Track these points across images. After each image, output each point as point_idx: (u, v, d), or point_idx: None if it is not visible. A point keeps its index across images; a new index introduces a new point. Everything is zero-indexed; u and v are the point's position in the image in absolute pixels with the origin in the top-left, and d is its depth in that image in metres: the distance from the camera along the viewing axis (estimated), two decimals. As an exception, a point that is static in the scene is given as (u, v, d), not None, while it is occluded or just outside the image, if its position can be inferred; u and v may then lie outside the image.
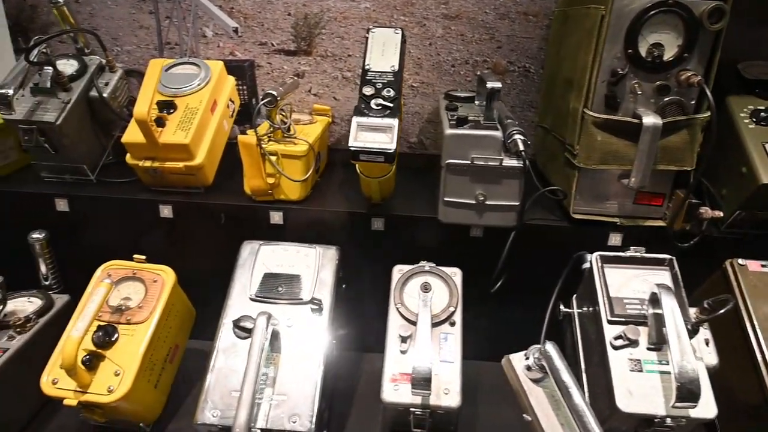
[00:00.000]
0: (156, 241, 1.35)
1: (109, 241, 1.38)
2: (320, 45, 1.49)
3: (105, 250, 1.37)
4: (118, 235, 1.37)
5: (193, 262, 1.28)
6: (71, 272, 1.33)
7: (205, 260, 1.34)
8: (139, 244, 1.36)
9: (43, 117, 1.24)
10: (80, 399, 1.00)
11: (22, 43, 1.54)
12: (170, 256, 1.23)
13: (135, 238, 1.36)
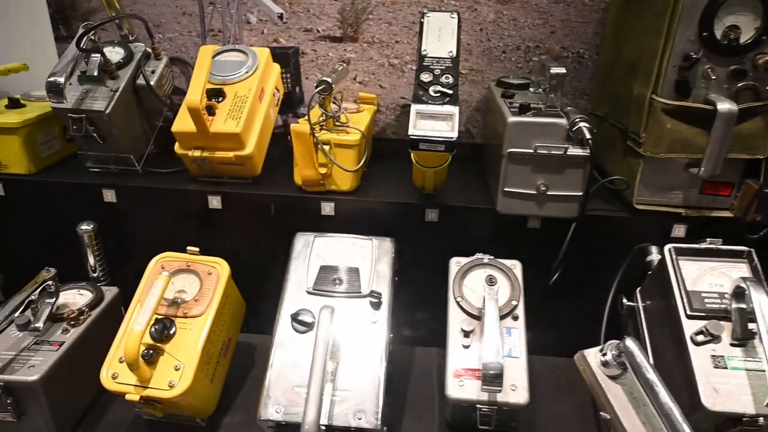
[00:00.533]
0: (204, 232, 1.33)
1: (156, 232, 1.36)
2: (367, 31, 1.45)
3: (151, 242, 1.36)
4: (164, 227, 1.35)
5: (241, 254, 1.25)
6: (117, 264, 1.31)
7: (254, 252, 1.31)
8: (187, 235, 1.34)
9: (93, 106, 1.21)
10: (142, 394, 0.98)
11: (63, 31, 1.52)
12: (218, 247, 1.21)
13: (182, 230, 1.34)
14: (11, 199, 1.33)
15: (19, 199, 1.33)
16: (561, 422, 1.18)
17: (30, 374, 1.01)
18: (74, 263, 1.37)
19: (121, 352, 1.02)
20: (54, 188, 1.32)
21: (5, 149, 1.28)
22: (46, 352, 1.06)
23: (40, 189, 1.32)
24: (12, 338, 1.09)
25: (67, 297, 1.20)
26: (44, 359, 1.04)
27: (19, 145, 1.28)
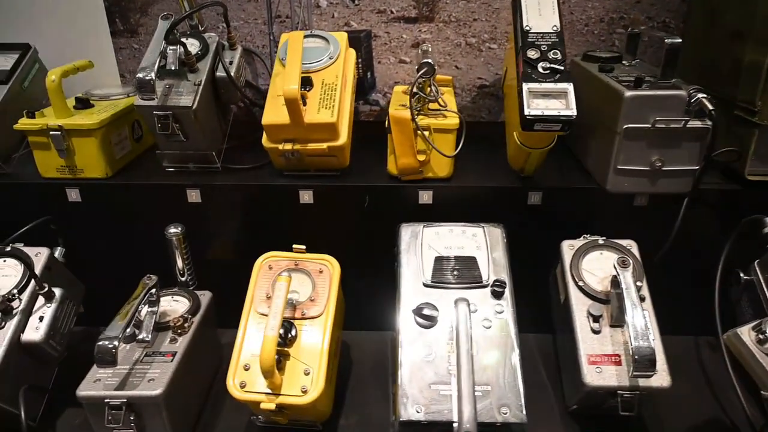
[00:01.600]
0: (295, 228, 1.27)
1: (243, 231, 1.30)
2: (443, 10, 1.39)
3: (238, 242, 1.31)
4: (252, 225, 1.29)
5: (335, 249, 1.20)
6: (204, 265, 1.25)
7: (348, 246, 1.26)
8: (277, 232, 1.28)
9: (179, 101, 1.14)
10: (276, 402, 0.93)
11: (119, 25, 1.44)
12: (310, 243, 1.15)
13: (272, 227, 1.29)
14: (88, 205, 1.26)
15: (96, 205, 1.26)
16: (691, 403, 1.15)
17: (152, 388, 0.96)
18: (157, 267, 1.32)
19: (246, 360, 0.98)
20: (134, 191, 1.26)
21: (82, 152, 1.21)
22: (161, 364, 1.01)
23: (118, 192, 1.26)
24: (121, 351, 1.03)
25: (164, 304, 1.15)
26: (161, 371, 0.99)
27: (96, 148, 1.21)
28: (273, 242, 1.28)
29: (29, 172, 1.28)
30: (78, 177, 1.24)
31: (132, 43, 1.46)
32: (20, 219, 1.28)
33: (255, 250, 1.30)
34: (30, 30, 1.43)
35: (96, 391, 0.96)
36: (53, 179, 1.25)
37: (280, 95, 1.19)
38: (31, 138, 1.21)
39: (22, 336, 1.04)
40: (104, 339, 0.91)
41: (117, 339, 0.91)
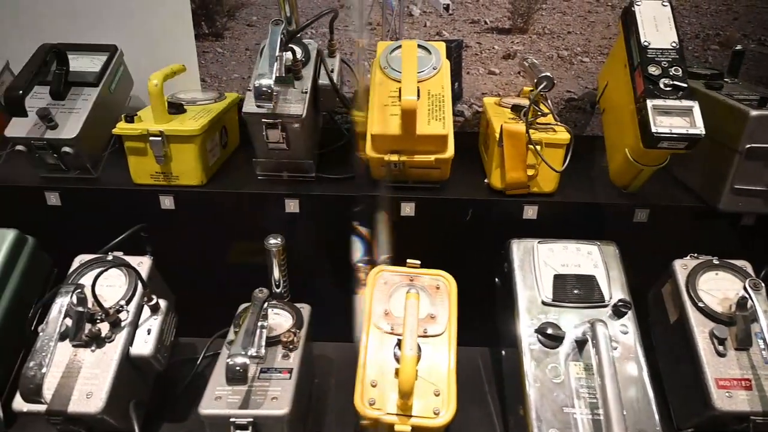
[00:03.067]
0: (393, 241, 1.24)
1: (338, 243, 1.27)
2: (538, 22, 1.37)
3: (333, 253, 1.28)
4: (347, 237, 1.26)
5: (437, 263, 1.18)
6: (305, 276, 1.22)
7: (450, 260, 1.23)
8: (376, 244, 1.25)
9: (289, 110, 1.11)
10: (409, 424, 0.90)
11: (205, 29, 1.40)
12: (409, 256, 1.12)
13: (368, 239, 1.25)
14: (181, 213, 1.23)
15: (189, 213, 1.23)
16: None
17: (278, 407, 0.93)
18: (245, 277, 1.28)
19: (372, 377, 0.95)
20: (230, 199, 1.22)
21: (180, 159, 1.18)
22: (280, 381, 0.98)
23: (212, 201, 1.22)
24: (234, 367, 1.00)
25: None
26: (282, 389, 0.96)
27: (195, 154, 1.18)
28: (366, 254, 1.26)
29: (117, 178, 1.24)
30: (173, 184, 1.21)
31: (216, 47, 1.42)
32: (107, 226, 1.25)
33: (350, 262, 1.28)
34: (113, 30, 1.39)
35: (220, 409, 0.92)
36: (146, 186, 1.21)
37: (386, 105, 1.17)
38: (127, 143, 1.17)
39: (131, 349, 1.01)
40: (236, 356, 0.88)
41: (248, 357, 0.88)
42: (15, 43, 1.37)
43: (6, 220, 1.18)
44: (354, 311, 1.23)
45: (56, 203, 1.22)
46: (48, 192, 1.21)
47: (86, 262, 1.09)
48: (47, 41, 1.28)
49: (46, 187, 1.21)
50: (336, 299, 1.24)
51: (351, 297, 1.25)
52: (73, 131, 1.16)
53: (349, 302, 1.24)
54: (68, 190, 1.21)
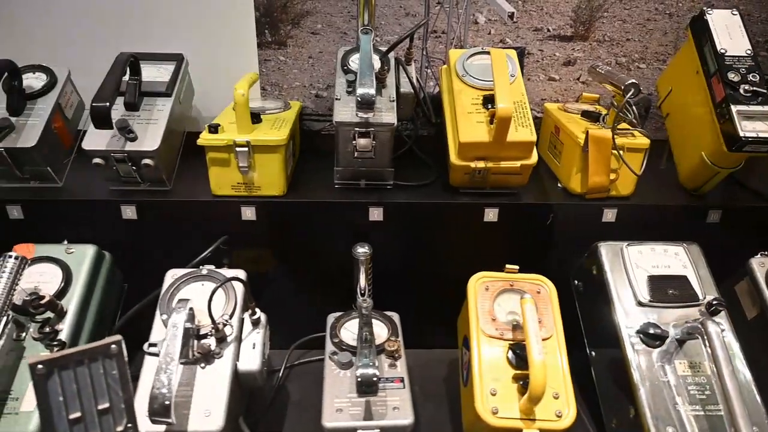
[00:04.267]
0: (476, 246, 1.25)
1: (419, 250, 1.27)
2: (599, 29, 1.41)
3: (418, 261, 1.29)
4: (430, 243, 1.26)
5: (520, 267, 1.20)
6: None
7: (532, 263, 1.25)
8: (457, 251, 1.26)
9: (382, 118, 1.11)
10: (537, 428, 0.91)
11: (268, 37, 1.39)
12: (492, 262, 1.14)
13: (455, 245, 1.26)
14: (261, 224, 1.21)
15: (270, 223, 1.21)
16: None
17: (403, 417, 0.93)
18: (324, 286, 1.28)
19: (490, 385, 0.95)
20: (310, 209, 1.21)
21: (264, 169, 1.16)
22: (395, 391, 0.98)
23: (294, 210, 1.21)
24: (345, 378, 0.99)
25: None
26: (401, 399, 0.96)
27: (280, 164, 1.16)
28: (454, 260, 1.27)
29: (191, 189, 1.22)
30: (254, 194, 1.19)
31: (278, 55, 1.41)
32: (182, 239, 1.22)
33: (433, 269, 1.29)
34: (173, 38, 1.36)
35: (345, 422, 0.91)
36: (227, 197, 1.19)
37: (471, 112, 1.18)
38: (210, 154, 1.15)
39: (239, 365, 0.98)
40: (366, 367, 0.87)
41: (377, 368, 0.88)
42: (74, 52, 1.33)
43: (72, 234, 1.14)
44: (437, 318, 1.24)
45: (132, 217, 1.19)
46: (124, 206, 1.18)
47: (180, 276, 1.06)
48: (107, 50, 1.25)
49: (122, 201, 1.17)
50: (418, 306, 1.25)
51: (436, 304, 1.25)
52: (154, 143, 1.13)
53: (434, 309, 1.25)
54: (145, 203, 1.18)
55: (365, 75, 1.05)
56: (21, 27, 1.32)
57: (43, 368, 0.70)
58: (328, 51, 1.41)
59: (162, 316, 1.00)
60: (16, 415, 0.92)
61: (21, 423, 0.91)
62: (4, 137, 1.13)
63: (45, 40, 1.33)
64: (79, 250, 1.11)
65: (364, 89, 1.03)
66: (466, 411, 1.07)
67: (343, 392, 0.97)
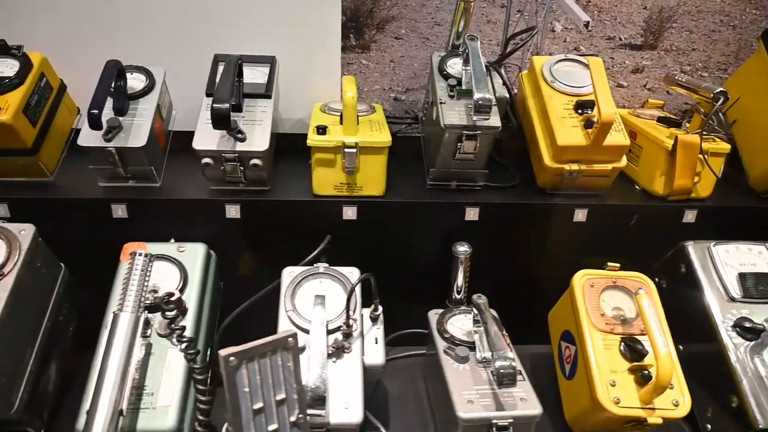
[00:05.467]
0: (564, 246, 1.31)
1: (510, 248, 1.32)
2: (667, 39, 1.48)
3: (506, 259, 1.33)
4: (518, 242, 1.31)
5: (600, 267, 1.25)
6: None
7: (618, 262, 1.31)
8: (546, 250, 1.31)
9: (488, 122, 1.15)
10: (659, 416, 0.96)
11: (352, 41, 1.42)
12: (579, 260, 1.19)
13: (538, 244, 1.31)
14: (361, 224, 1.24)
15: (369, 223, 1.24)
16: None
17: (531, 408, 0.97)
18: (417, 283, 1.31)
19: (610, 376, 1.00)
20: (407, 209, 1.25)
21: (368, 170, 1.19)
22: (518, 383, 1.01)
23: (392, 210, 1.24)
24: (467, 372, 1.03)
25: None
26: (524, 390, 1.01)
27: (382, 165, 1.20)
28: (542, 259, 1.32)
29: (288, 189, 1.24)
30: (355, 195, 1.22)
31: (361, 59, 1.44)
32: (283, 237, 1.25)
33: (525, 267, 1.33)
34: (261, 39, 1.37)
35: (479, 412, 0.95)
36: (329, 197, 1.22)
37: (564, 117, 1.23)
38: (317, 155, 1.17)
39: (365, 359, 1.01)
40: (502, 359, 0.91)
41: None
42: (163, 53, 1.34)
43: (172, 233, 1.16)
44: (523, 315, 1.28)
45: (235, 216, 1.21)
46: (229, 205, 1.19)
47: (299, 274, 1.08)
48: (200, 52, 1.28)
49: (227, 200, 1.19)
50: (505, 303, 1.29)
51: (524, 301, 1.30)
52: (263, 144, 1.16)
53: (523, 306, 1.29)
54: (248, 202, 1.20)
55: (481, 80, 1.09)
56: (113, 27, 1.33)
57: (235, 360, 0.73)
58: (410, 56, 1.45)
59: (288, 312, 1.03)
60: (154, 410, 0.93)
61: (160, 418, 0.92)
62: (114, 137, 1.14)
63: (136, 41, 1.34)
64: (191, 249, 1.12)
65: (482, 94, 1.07)
66: (571, 403, 1.12)
67: (468, 384, 1.00)
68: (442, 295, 1.25)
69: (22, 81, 1.14)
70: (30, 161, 1.17)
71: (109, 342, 0.90)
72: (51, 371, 1.10)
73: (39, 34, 1.29)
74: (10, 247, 0.99)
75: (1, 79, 1.13)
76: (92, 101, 1.07)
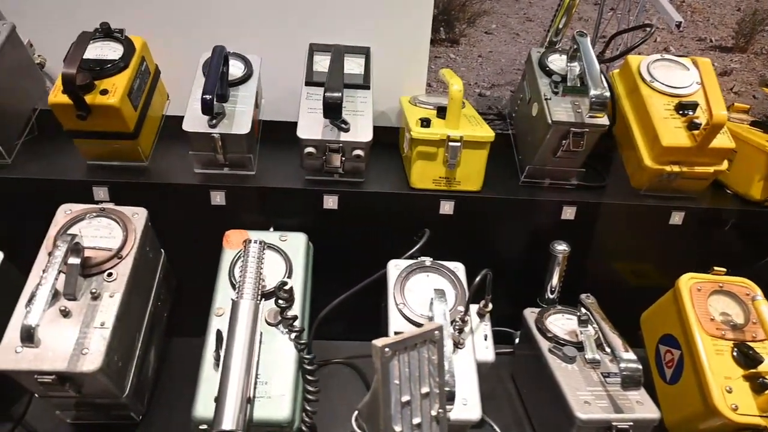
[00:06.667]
0: (659, 248, 1.29)
1: (602, 248, 1.30)
2: (758, 42, 1.45)
3: (599, 259, 1.32)
4: (612, 243, 1.30)
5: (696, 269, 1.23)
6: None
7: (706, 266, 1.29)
8: (639, 252, 1.30)
9: (595, 120, 1.14)
10: (776, 424, 0.95)
11: (442, 34, 1.40)
12: (676, 263, 1.18)
13: (633, 245, 1.30)
14: (457, 219, 1.23)
15: (464, 218, 1.23)
16: None
17: (649, 411, 0.96)
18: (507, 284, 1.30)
19: (725, 383, 0.98)
20: (502, 205, 1.23)
21: (468, 164, 1.18)
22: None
23: (488, 205, 1.23)
24: (575, 371, 1.02)
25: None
26: (639, 393, 0.98)
27: (483, 160, 1.19)
28: (635, 261, 1.30)
29: (381, 182, 1.23)
30: (453, 189, 1.21)
31: (449, 53, 1.43)
32: (376, 230, 1.24)
33: (617, 268, 1.32)
34: (350, 29, 1.36)
35: (598, 414, 0.94)
36: (426, 190, 1.21)
37: (666, 117, 1.21)
38: (420, 148, 1.16)
39: (476, 356, 1.00)
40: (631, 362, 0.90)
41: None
42: (259, 41, 1.33)
43: (268, 221, 1.17)
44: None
45: (332, 207, 1.20)
46: (327, 195, 1.18)
47: (406, 267, 1.07)
48: (294, 40, 1.28)
49: (326, 191, 1.18)
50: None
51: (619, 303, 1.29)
52: (366, 135, 1.14)
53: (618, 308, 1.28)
54: (345, 194, 1.19)
55: (596, 77, 1.07)
56: (207, 12, 1.32)
57: (389, 351, 0.72)
58: (498, 51, 1.43)
59: (398, 305, 1.02)
60: (269, 399, 0.92)
61: (275, 407, 0.92)
62: (218, 123, 1.13)
63: (229, 28, 1.33)
64: (293, 238, 1.12)
65: (599, 91, 1.05)
66: (674, 408, 1.10)
67: (581, 385, 0.99)
68: (529, 293, 1.24)
69: (126, 64, 1.13)
70: (129, 145, 1.16)
71: (232, 329, 0.89)
72: (151, 356, 1.10)
73: (134, 18, 1.28)
74: (126, 231, 0.98)
75: (107, 62, 1.12)
76: (205, 86, 1.06)
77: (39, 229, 1.03)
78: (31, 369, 0.82)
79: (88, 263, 0.92)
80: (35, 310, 0.78)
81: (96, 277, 0.93)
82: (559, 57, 1.25)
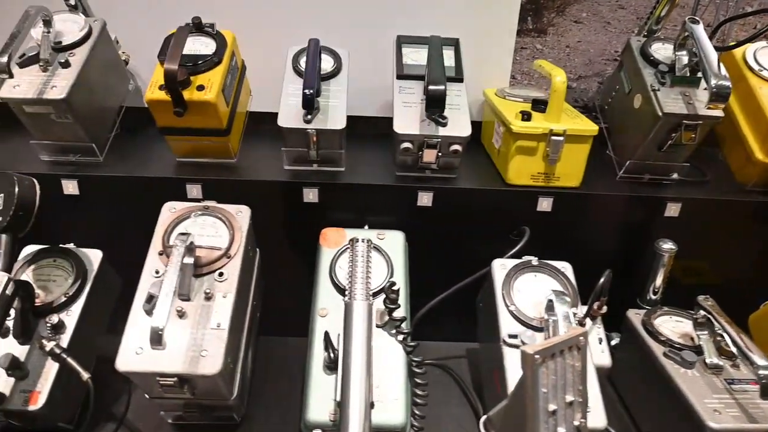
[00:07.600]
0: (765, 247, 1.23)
1: (707, 248, 1.24)
2: None
3: (700, 259, 1.26)
4: (718, 242, 1.24)
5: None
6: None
7: None
8: (745, 250, 1.24)
9: (708, 111, 1.08)
10: None
11: (529, 24, 1.35)
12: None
13: (737, 244, 1.23)
14: (556, 216, 1.18)
15: (563, 215, 1.18)
16: None
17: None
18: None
19: None
20: (603, 201, 1.18)
21: (570, 160, 1.13)
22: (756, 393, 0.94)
23: (591, 201, 1.18)
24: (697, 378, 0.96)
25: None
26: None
27: (584, 155, 1.14)
28: (741, 260, 1.24)
29: (471, 178, 1.19)
30: (551, 185, 1.16)
31: (536, 44, 1.38)
32: (469, 227, 1.20)
33: (717, 269, 1.26)
34: (439, 19, 1.32)
35: (731, 423, 0.88)
36: (523, 186, 1.16)
37: (778, 110, 1.15)
38: (520, 142, 1.12)
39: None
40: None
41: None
42: (344, 34, 1.30)
43: (357, 218, 1.14)
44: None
45: (427, 204, 1.16)
46: (422, 192, 1.15)
47: (512, 267, 1.03)
48: (382, 32, 1.26)
49: (421, 187, 1.15)
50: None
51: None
52: (465, 129, 1.11)
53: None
54: (439, 190, 1.15)
55: (714, 67, 1.01)
56: (291, 7, 1.29)
57: (539, 358, 0.68)
58: (587, 41, 1.37)
59: (510, 307, 0.98)
60: (383, 404, 0.89)
61: (391, 412, 0.89)
62: (314, 118, 1.10)
63: (314, 20, 1.30)
64: (390, 236, 1.08)
65: (721, 81, 0.99)
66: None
67: (707, 393, 0.94)
68: (623, 293, 1.18)
69: (220, 59, 1.11)
70: (220, 142, 1.15)
71: (348, 331, 0.87)
72: (249, 357, 1.08)
73: (213, 13, 1.26)
74: (233, 229, 0.96)
75: (202, 57, 1.10)
76: (305, 81, 1.03)
77: (132, 227, 1.02)
78: (154, 371, 0.80)
79: (199, 263, 0.90)
80: (161, 312, 0.76)
81: (207, 277, 0.91)
82: (662, 45, 1.19)
